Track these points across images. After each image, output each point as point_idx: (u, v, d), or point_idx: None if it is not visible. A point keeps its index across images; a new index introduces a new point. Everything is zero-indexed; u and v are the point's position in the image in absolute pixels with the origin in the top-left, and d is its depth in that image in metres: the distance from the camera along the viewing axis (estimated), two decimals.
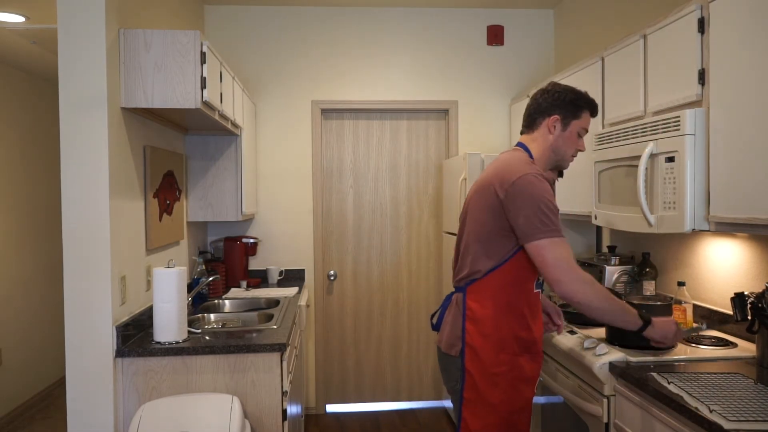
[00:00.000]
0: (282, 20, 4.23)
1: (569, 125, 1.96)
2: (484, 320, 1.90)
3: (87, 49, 2.28)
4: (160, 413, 2.21)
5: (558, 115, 1.95)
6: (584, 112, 1.97)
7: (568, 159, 2.00)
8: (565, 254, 1.76)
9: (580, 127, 1.97)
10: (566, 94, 1.95)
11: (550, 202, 1.81)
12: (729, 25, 1.90)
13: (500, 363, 1.89)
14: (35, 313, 4.67)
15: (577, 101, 1.96)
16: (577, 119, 1.96)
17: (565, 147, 1.97)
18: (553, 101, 1.96)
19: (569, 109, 1.95)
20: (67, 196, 2.29)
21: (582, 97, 1.97)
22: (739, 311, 2.03)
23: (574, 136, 1.97)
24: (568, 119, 1.95)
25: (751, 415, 1.54)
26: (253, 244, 4.14)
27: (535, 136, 1.99)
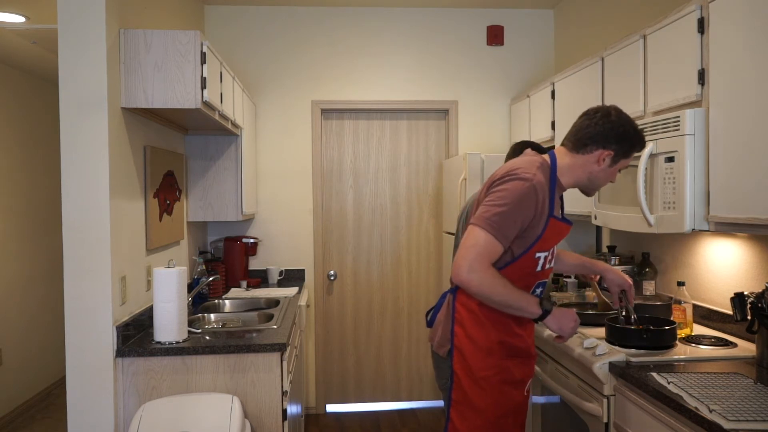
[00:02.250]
0: (282, 20, 4.23)
1: (618, 163, 1.86)
2: (472, 324, 1.88)
3: (87, 49, 2.28)
4: (160, 413, 2.21)
5: (613, 150, 1.83)
6: (636, 150, 1.89)
7: (598, 188, 1.93)
8: (480, 246, 1.74)
9: (625, 165, 1.90)
10: (628, 130, 1.83)
11: (517, 207, 1.75)
12: (729, 25, 1.90)
13: (487, 367, 1.87)
14: (35, 313, 4.67)
15: (635, 139, 1.85)
16: (626, 159, 1.87)
17: (603, 179, 1.89)
18: (615, 134, 1.82)
19: (625, 147, 1.84)
20: (67, 196, 2.30)
21: (640, 137, 1.87)
22: (738, 311, 2.03)
23: (615, 170, 1.89)
24: (619, 157, 1.85)
25: (751, 415, 1.54)
26: (253, 244, 4.14)
27: (579, 159, 1.87)
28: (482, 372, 1.87)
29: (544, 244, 1.86)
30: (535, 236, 1.82)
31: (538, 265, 1.88)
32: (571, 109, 3.17)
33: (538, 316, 1.81)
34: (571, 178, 1.89)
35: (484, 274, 1.74)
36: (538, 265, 1.88)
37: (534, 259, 1.86)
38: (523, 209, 1.76)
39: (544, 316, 1.81)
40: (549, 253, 1.92)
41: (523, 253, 1.84)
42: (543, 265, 1.90)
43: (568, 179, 1.90)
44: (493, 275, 1.76)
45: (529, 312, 1.81)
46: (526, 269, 1.87)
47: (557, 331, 1.85)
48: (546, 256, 1.90)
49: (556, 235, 1.89)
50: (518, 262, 1.84)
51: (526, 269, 1.86)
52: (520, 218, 1.77)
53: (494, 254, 1.77)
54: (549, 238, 1.86)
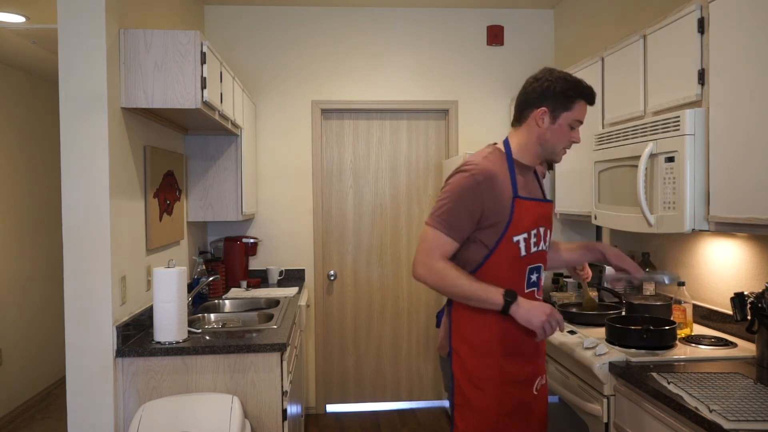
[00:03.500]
0: (282, 20, 4.23)
1: (559, 118, 1.80)
2: (466, 324, 1.84)
3: (87, 49, 2.28)
4: (160, 413, 2.21)
5: (546, 107, 1.80)
6: (577, 102, 1.80)
7: (559, 153, 1.86)
8: (429, 242, 1.78)
9: (572, 119, 1.81)
10: (557, 84, 1.79)
11: (460, 200, 1.75)
12: (729, 25, 1.90)
13: (484, 367, 1.81)
14: (35, 313, 4.67)
15: (568, 91, 1.79)
16: (569, 111, 1.80)
17: (554, 140, 1.82)
18: (542, 92, 1.80)
19: (559, 101, 1.79)
20: (67, 196, 2.30)
21: (574, 87, 1.80)
22: (738, 311, 2.03)
23: (565, 128, 1.81)
24: (558, 111, 1.79)
25: (751, 415, 1.54)
26: (253, 244, 4.14)
27: (522, 129, 1.86)
28: (478, 372, 1.82)
29: (518, 227, 1.79)
30: (503, 222, 1.77)
31: (521, 250, 1.80)
32: None
33: (500, 307, 1.72)
34: (527, 153, 1.86)
35: (433, 268, 1.76)
36: (520, 249, 1.80)
37: (513, 244, 1.79)
38: (467, 201, 1.75)
39: (508, 306, 1.72)
40: (531, 236, 1.82)
41: (498, 241, 1.78)
42: (527, 248, 1.82)
43: (525, 155, 1.86)
44: (444, 268, 1.75)
45: (491, 303, 1.74)
46: (509, 257, 1.80)
47: (526, 325, 1.74)
48: (527, 239, 1.81)
49: (530, 214, 1.82)
50: (497, 252, 1.79)
51: (508, 257, 1.80)
52: (467, 210, 1.75)
53: (445, 249, 1.77)
54: (521, 220, 1.79)
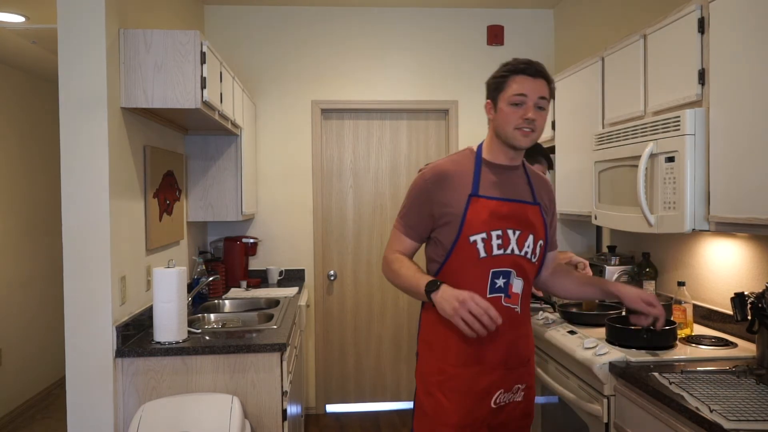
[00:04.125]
0: (282, 20, 4.22)
1: (498, 102, 1.77)
2: (428, 327, 1.84)
3: (87, 49, 2.28)
4: (160, 413, 2.21)
5: (489, 99, 1.82)
6: (508, 80, 1.75)
7: (511, 134, 1.75)
8: (390, 240, 1.90)
9: (507, 96, 1.74)
10: (491, 76, 1.82)
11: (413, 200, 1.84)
12: (729, 25, 1.90)
13: (437, 372, 1.78)
14: (35, 313, 4.67)
15: (498, 75, 1.79)
16: (502, 91, 1.76)
17: (502, 125, 1.76)
18: (486, 89, 1.84)
19: (492, 87, 1.80)
20: (67, 196, 2.29)
21: (502, 68, 1.79)
22: (739, 311, 2.03)
23: (507, 109, 1.74)
24: (495, 97, 1.79)
25: (752, 415, 1.54)
26: (253, 244, 4.14)
27: (489, 127, 1.88)
28: (431, 377, 1.80)
29: (473, 226, 1.73)
30: (457, 220, 1.75)
31: (479, 251, 1.73)
32: (572, 109, 3.17)
33: (423, 294, 1.69)
34: (495, 150, 1.84)
35: (386, 259, 1.87)
36: (479, 250, 1.73)
37: (470, 244, 1.73)
38: (418, 199, 1.83)
39: (428, 296, 1.68)
40: (493, 237, 1.74)
41: (455, 241, 1.75)
42: (488, 250, 1.74)
43: (494, 153, 1.84)
44: (390, 260, 1.84)
45: (419, 293, 1.72)
46: (467, 258, 1.75)
47: (442, 314, 1.65)
48: (486, 239, 1.73)
49: (488, 213, 1.74)
50: (455, 252, 1.76)
51: (466, 258, 1.75)
52: (418, 208, 1.82)
53: (402, 246, 1.86)
54: (476, 218, 1.73)
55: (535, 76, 1.75)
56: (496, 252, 1.75)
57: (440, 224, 1.79)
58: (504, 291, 1.77)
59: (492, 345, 1.76)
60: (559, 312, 2.75)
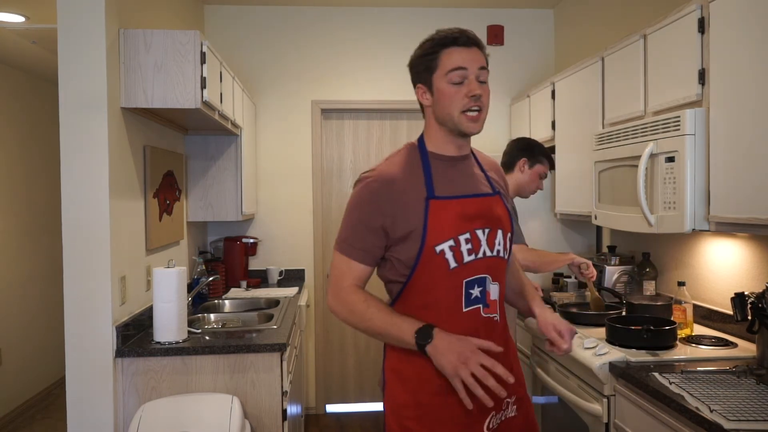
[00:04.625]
0: (282, 20, 4.22)
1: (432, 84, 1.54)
2: (394, 355, 1.56)
3: (87, 49, 2.28)
4: (159, 413, 2.21)
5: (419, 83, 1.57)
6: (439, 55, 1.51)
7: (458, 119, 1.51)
8: (335, 271, 1.54)
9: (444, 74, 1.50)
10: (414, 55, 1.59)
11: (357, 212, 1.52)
12: (729, 25, 1.90)
13: (414, 404, 1.50)
14: (35, 313, 4.67)
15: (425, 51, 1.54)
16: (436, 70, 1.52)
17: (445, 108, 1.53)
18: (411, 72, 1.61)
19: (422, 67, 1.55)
20: (67, 196, 2.29)
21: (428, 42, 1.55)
22: (739, 311, 2.03)
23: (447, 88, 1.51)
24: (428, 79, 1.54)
25: (752, 415, 1.54)
26: (253, 244, 4.14)
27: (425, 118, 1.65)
28: (407, 410, 1.51)
29: (438, 233, 1.47)
30: (418, 230, 1.47)
31: (449, 262, 1.47)
32: (572, 109, 3.17)
33: (413, 345, 1.44)
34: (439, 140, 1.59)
35: (343, 300, 1.51)
36: (448, 261, 1.47)
37: (437, 255, 1.47)
38: (365, 214, 1.50)
39: (421, 346, 1.42)
40: (462, 242, 1.49)
41: (419, 255, 1.47)
42: (458, 258, 1.48)
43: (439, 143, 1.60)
44: (349, 301, 1.50)
45: (405, 342, 1.46)
46: (435, 272, 1.48)
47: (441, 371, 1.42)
48: (454, 246, 1.48)
49: (454, 215, 1.50)
50: (419, 268, 1.48)
51: (434, 272, 1.48)
52: (367, 225, 1.50)
53: (354, 275, 1.52)
54: (441, 224, 1.48)
55: (469, 45, 1.51)
56: (467, 259, 1.50)
57: (396, 239, 1.49)
58: (482, 301, 1.52)
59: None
60: (559, 312, 2.75)
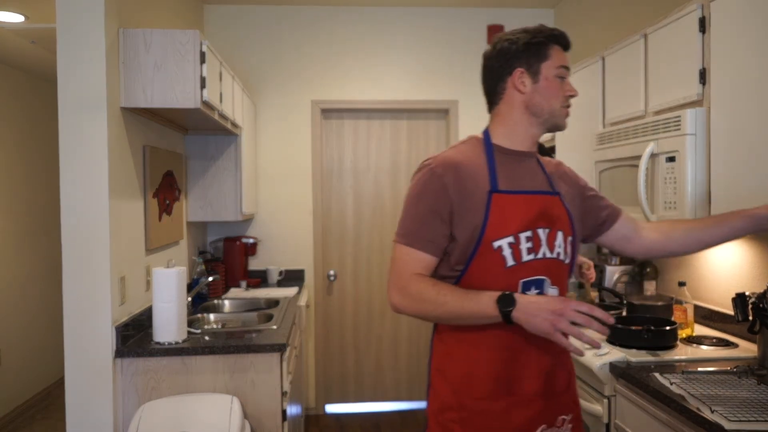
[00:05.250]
0: (282, 20, 4.22)
1: (540, 72, 1.49)
2: (442, 354, 1.51)
3: (86, 49, 2.27)
4: (159, 413, 2.21)
5: (520, 66, 1.50)
6: (551, 48, 1.49)
7: (559, 113, 1.52)
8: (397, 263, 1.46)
9: (555, 67, 1.49)
10: (520, 38, 1.50)
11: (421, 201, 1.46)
12: (730, 25, 1.89)
13: (458, 408, 1.44)
14: (35, 313, 4.67)
15: (537, 38, 1.49)
16: (548, 59, 1.48)
17: (547, 100, 1.50)
18: (507, 54, 1.51)
19: (532, 53, 1.49)
20: (67, 196, 2.29)
21: (539, 32, 1.50)
22: (740, 312, 2.03)
23: (554, 81, 1.49)
24: (535, 65, 1.48)
25: (753, 416, 1.54)
26: (252, 244, 4.14)
27: (500, 108, 1.56)
28: (450, 414, 1.45)
29: (498, 229, 1.41)
30: (478, 223, 1.41)
31: (506, 259, 1.41)
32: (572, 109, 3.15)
33: (498, 317, 1.34)
34: (515, 133, 1.54)
35: (408, 291, 1.42)
36: (505, 258, 1.41)
37: (494, 251, 1.41)
38: (430, 200, 1.44)
39: (507, 316, 1.32)
40: (522, 240, 1.43)
41: (475, 249, 1.41)
42: (516, 256, 1.42)
43: (513, 137, 1.54)
44: (420, 290, 1.40)
45: (486, 315, 1.35)
46: (490, 269, 1.42)
47: (537, 333, 1.31)
48: (513, 243, 1.42)
49: (517, 212, 1.44)
50: (474, 263, 1.43)
51: (489, 269, 1.42)
52: (432, 211, 1.43)
53: (419, 266, 1.44)
54: (503, 219, 1.42)
55: (567, 49, 1.51)
56: (525, 258, 1.43)
57: (455, 229, 1.43)
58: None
59: (526, 370, 1.44)
60: None
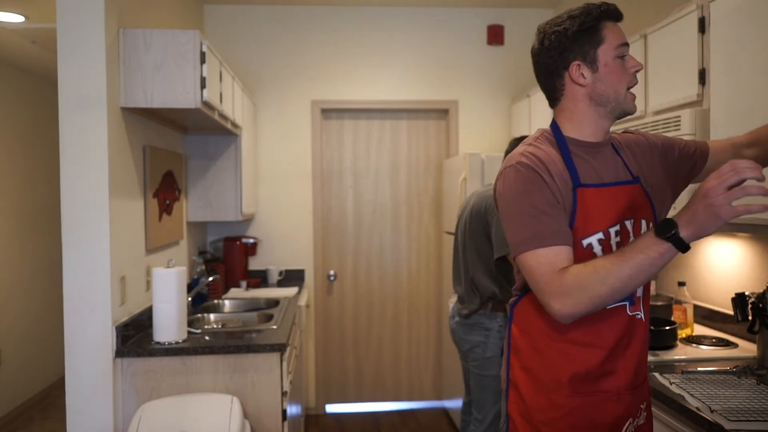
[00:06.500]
0: (282, 20, 4.22)
1: (597, 59, 1.37)
2: (528, 350, 1.42)
3: (86, 48, 2.27)
4: (159, 413, 2.21)
5: (575, 59, 1.37)
6: (604, 27, 1.37)
7: (626, 98, 1.41)
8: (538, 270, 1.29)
9: (613, 48, 1.36)
10: (568, 27, 1.37)
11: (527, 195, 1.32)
12: (729, 25, 1.89)
13: (550, 406, 1.37)
14: (35, 313, 4.67)
15: (586, 22, 1.36)
16: (603, 43, 1.36)
17: (612, 86, 1.38)
18: (558, 48, 1.39)
19: (584, 40, 1.36)
20: (67, 196, 2.29)
21: (588, 13, 1.36)
22: (739, 311, 2.03)
23: (614, 64, 1.37)
24: (591, 53, 1.36)
25: (752, 416, 1.54)
26: (252, 244, 4.14)
27: (564, 103, 1.43)
28: (541, 414, 1.38)
29: (586, 225, 1.33)
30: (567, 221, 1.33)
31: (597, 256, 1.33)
32: None
33: (669, 249, 1.20)
34: (586, 125, 1.41)
35: (563, 289, 1.25)
36: (596, 255, 1.33)
37: (583, 250, 1.33)
38: (536, 193, 1.31)
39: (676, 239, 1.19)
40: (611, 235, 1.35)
41: None
42: (606, 253, 1.34)
43: (584, 128, 1.42)
44: (577, 276, 1.24)
45: (657, 255, 1.19)
46: None
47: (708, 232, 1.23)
48: (603, 240, 1.34)
49: (604, 205, 1.35)
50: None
51: None
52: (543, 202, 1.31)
53: (558, 261, 1.28)
54: (590, 215, 1.33)
55: (621, 18, 1.40)
56: None
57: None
58: (628, 298, 1.35)
59: (619, 363, 1.38)
60: None
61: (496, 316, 2.59)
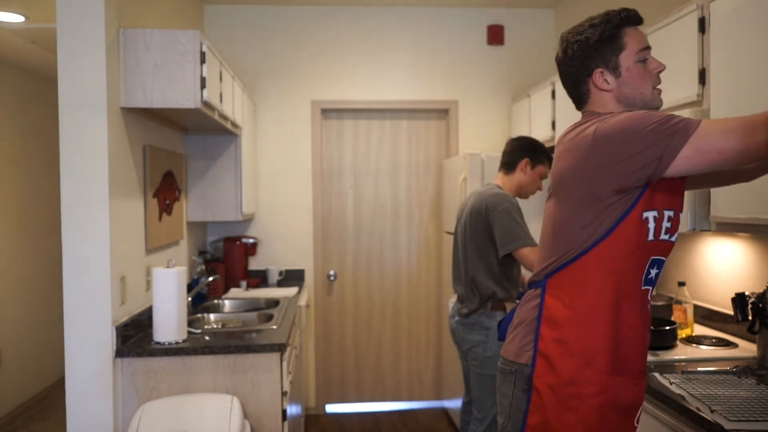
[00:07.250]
0: (282, 20, 4.22)
1: (620, 65, 1.44)
2: (566, 322, 1.40)
3: (86, 49, 2.27)
4: (159, 413, 2.21)
5: (598, 66, 1.44)
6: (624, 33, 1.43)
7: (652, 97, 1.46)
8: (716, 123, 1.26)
9: (634, 53, 1.43)
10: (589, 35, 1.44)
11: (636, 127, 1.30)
12: (730, 25, 1.89)
13: (583, 381, 1.37)
14: (35, 313, 4.67)
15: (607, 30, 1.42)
16: (624, 49, 1.42)
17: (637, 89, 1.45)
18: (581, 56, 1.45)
19: (606, 47, 1.43)
20: (67, 195, 2.29)
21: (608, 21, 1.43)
22: (739, 311, 2.03)
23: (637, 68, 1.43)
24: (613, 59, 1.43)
25: (752, 416, 1.54)
26: (252, 244, 4.14)
27: (593, 107, 1.51)
28: (574, 388, 1.37)
29: (654, 198, 1.34)
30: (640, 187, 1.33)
31: (649, 232, 1.35)
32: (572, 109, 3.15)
33: None
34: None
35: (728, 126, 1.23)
36: (648, 231, 1.35)
37: (641, 221, 1.34)
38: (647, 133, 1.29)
39: None
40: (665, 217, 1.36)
41: (624, 215, 1.34)
42: (657, 232, 1.36)
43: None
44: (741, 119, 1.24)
45: None
46: (631, 240, 1.35)
47: None
48: (658, 218, 1.35)
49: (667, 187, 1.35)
50: (619, 229, 1.34)
51: (630, 240, 1.35)
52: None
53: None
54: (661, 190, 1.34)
55: (640, 23, 1.45)
56: (662, 236, 1.38)
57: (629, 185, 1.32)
58: (653, 283, 1.42)
59: (641, 347, 1.41)
60: None
61: (496, 316, 2.60)
